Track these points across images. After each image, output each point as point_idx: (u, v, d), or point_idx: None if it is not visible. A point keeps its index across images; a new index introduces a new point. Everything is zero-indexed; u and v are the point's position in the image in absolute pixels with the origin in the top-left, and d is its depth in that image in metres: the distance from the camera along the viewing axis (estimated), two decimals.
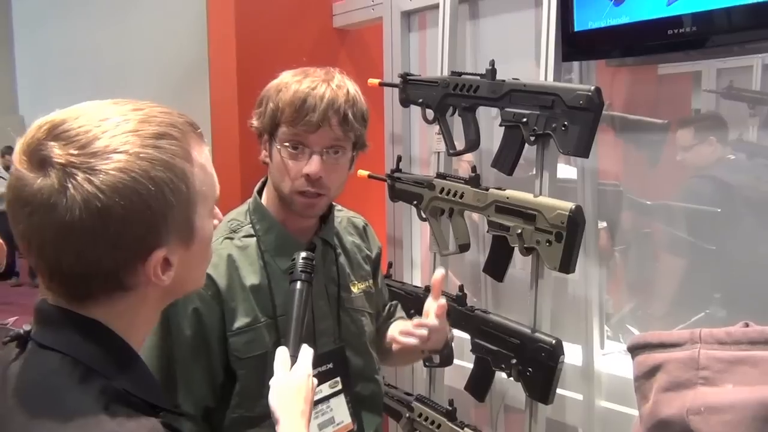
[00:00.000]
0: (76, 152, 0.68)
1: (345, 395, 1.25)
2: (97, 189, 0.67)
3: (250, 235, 1.24)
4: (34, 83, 9.23)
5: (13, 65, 9.74)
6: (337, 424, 1.23)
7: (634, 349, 0.70)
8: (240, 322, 1.18)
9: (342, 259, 1.33)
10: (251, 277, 1.21)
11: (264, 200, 1.28)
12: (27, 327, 0.77)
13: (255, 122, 1.24)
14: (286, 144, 1.18)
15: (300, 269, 1.10)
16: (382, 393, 1.39)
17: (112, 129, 0.70)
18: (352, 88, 1.22)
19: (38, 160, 0.69)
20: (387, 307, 1.50)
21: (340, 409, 1.23)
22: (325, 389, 1.21)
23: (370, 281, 1.37)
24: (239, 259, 1.21)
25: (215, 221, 0.84)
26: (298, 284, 1.09)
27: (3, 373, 0.76)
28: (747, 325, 0.65)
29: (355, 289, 1.34)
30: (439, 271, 1.29)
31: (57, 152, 0.68)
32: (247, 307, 1.19)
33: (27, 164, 0.69)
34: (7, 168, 5.68)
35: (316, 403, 1.19)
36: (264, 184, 1.31)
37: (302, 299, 1.08)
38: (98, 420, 0.69)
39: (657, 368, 0.66)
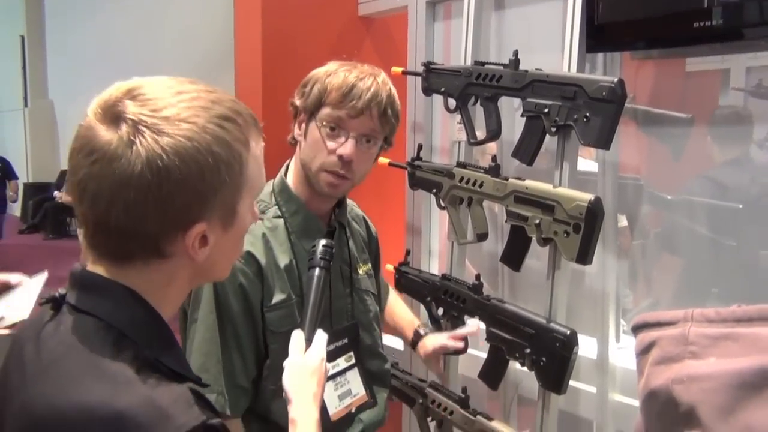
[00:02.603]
0: (149, 113, 0.73)
1: (358, 369, 1.32)
2: (162, 149, 0.72)
3: (278, 216, 1.29)
4: (63, 70, 9.41)
5: (44, 52, 9.93)
6: (354, 395, 1.30)
7: (636, 329, 0.74)
8: (276, 298, 1.25)
9: (351, 242, 1.41)
10: (283, 256, 1.27)
11: (289, 182, 1.33)
12: (62, 290, 0.80)
13: (297, 101, 1.31)
14: (327, 123, 1.26)
15: (320, 256, 1.15)
16: (388, 368, 1.48)
17: (185, 102, 0.75)
18: (393, 89, 1.32)
19: (113, 114, 0.73)
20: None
21: (355, 382, 1.30)
22: (342, 363, 1.28)
23: (370, 265, 1.47)
24: (271, 239, 1.26)
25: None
26: (317, 271, 1.14)
27: (37, 333, 0.79)
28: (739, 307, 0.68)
29: (361, 271, 1.42)
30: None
31: (132, 110, 0.73)
32: (282, 285, 1.25)
33: (101, 116, 0.74)
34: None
35: (335, 375, 1.25)
36: (287, 168, 1.36)
37: (320, 285, 1.13)
38: (130, 383, 0.72)
39: (652, 344, 0.70)
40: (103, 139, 0.72)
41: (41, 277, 1.19)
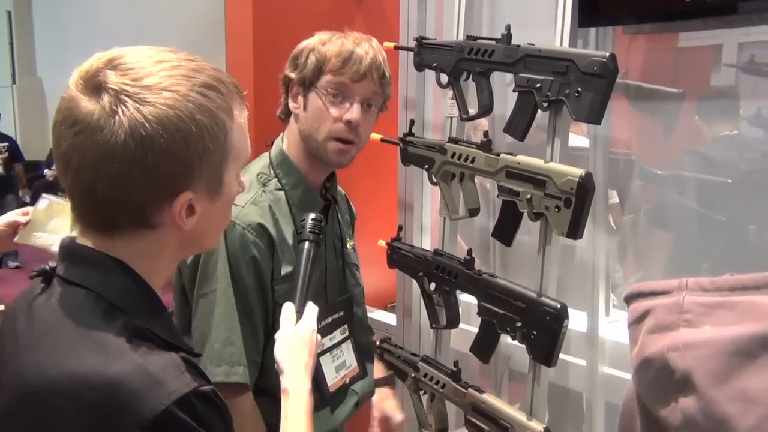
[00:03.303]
0: (130, 82, 0.73)
1: (351, 341, 1.35)
2: (145, 118, 0.71)
3: (279, 189, 1.29)
4: (51, 46, 9.28)
5: (31, 28, 9.78)
6: (348, 367, 1.33)
7: (629, 299, 0.75)
8: (285, 270, 1.26)
9: (340, 216, 1.43)
10: (287, 229, 1.28)
11: (288, 154, 1.33)
12: (52, 264, 0.81)
13: (291, 73, 1.31)
14: (331, 91, 1.27)
15: (309, 230, 1.16)
16: (374, 341, 1.52)
17: (166, 70, 0.75)
18: (384, 53, 1.36)
19: (94, 84, 0.73)
20: None
21: (348, 354, 1.32)
22: (338, 335, 1.29)
23: (353, 240, 1.50)
24: (276, 211, 1.26)
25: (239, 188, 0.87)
26: (306, 244, 1.15)
27: (29, 306, 0.80)
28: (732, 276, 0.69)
29: (349, 245, 1.45)
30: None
31: (113, 79, 0.73)
32: (290, 257, 1.27)
33: (82, 87, 0.74)
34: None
35: (332, 347, 1.27)
36: (282, 140, 1.36)
37: (309, 259, 1.15)
38: (122, 351, 0.72)
39: (646, 313, 0.71)
40: (85, 110, 0.72)
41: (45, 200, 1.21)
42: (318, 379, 1.27)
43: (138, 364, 0.71)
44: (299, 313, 1.07)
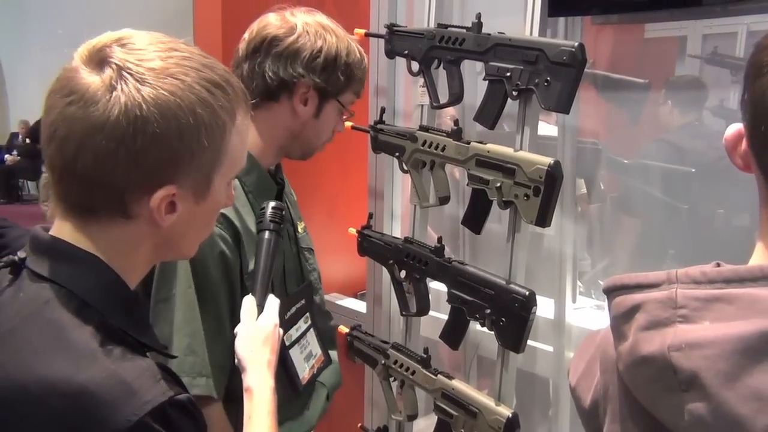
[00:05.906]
0: (135, 61, 0.70)
1: (314, 329, 1.30)
2: (143, 98, 0.69)
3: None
4: (11, 27, 9.00)
5: None
6: (315, 357, 1.29)
7: (611, 291, 0.71)
8: (252, 264, 1.17)
9: (288, 200, 1.40)
10: (248, 218, 1.22)
11: None
12: (21, 254, 0.76)
13: (317, 79, 1.24)
14: (350, 109, 1.33)
15: (269, 219, 1.10)
16: (334, 326, 1.49)
17: (175, 59, 0.72)
18: None
19: (99, 57, 0.71)
20: None
21: (314, 343, 1.28)
22: (302, 325, 1.24)
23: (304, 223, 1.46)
24: (236, 202, 1.20)
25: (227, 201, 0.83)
26: (267, 234, 1.09)
27: None
28: (718, 265, 0.66)
29: (300, 228, 1.40)
30: None
31: (118, 55, 0.70)
32: (254, 249, 1.18)
33: (86, 59, 0.71)
34: (24, 138, 5.71)
35: (299, 338, 1.23)
36: None
37: (270, 249, 1.08)
38: (94, 356, 0.68)
39: (636, 309, 0.67)
40: (84, 81, 0.69)
41: None
42: (291, 373, 1.22)
43: (111, 371, 0.67)
44: (260, 307, 1.02)
